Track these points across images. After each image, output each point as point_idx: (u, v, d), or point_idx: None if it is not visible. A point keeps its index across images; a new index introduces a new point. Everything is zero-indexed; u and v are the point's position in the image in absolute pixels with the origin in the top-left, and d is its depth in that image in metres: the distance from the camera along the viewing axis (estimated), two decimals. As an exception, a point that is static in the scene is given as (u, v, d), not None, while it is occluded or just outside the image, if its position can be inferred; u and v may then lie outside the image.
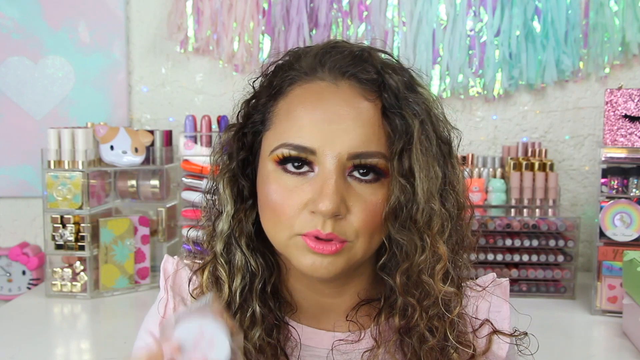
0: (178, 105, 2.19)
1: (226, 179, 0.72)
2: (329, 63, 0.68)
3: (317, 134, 0.64)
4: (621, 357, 1.44)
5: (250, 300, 0.70)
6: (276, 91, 0.70)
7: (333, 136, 0.64)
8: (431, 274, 0.67)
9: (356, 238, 0.66)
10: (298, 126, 0.66)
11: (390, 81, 0.67)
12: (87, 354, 1.51)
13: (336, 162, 0.64)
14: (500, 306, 0.78)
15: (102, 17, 2.13)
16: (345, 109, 0.65)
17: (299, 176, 0.66)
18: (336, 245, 0.65)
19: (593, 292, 1.69)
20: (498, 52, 2.05)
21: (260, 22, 2.10)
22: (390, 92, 0.66)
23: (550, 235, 1.79)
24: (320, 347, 0.74)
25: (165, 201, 1.95)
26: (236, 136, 0.72)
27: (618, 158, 1.70)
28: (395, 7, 2.08)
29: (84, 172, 1.78)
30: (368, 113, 0.65)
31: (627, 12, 2.00)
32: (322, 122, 0.65)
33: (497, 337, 0.74)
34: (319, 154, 0.64)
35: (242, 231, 0.71)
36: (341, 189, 0.64)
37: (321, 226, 0.64)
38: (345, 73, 0.67)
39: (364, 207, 0.65)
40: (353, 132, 0.64)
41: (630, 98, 1.68)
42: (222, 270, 0.71)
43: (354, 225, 0.65)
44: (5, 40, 2.13)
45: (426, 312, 0.68)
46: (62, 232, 1.80)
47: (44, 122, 2.10)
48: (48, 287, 1.83)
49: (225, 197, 0.71)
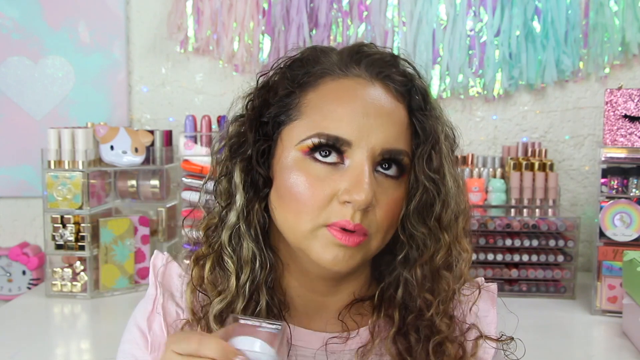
0: (178, 105, 2.19)
1: (240, 167, 0.70)
2: (365, 62, 0.70)
3: (355, 126, 0.66)
4: (621, 357, 1.44)
5: (257, 294, 0.70)
6: (302, 83, 0.70)
7: (369, 130, 0.66)
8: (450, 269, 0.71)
9: (376, 232, 0.68)
10: (335, 118, 0.66)
11: (419, 85, 0.71)
12: (87, 354, 1.51)
13: (370, 155, 0.66)
14: (488, 311, 0.78)
15: (102, 17, 2.14)
16: (383, 107, 0.68)
17: (328, 166, 0.67)
18: (360, 237, 0.66)
19: (593, 292, 1.69)
20: (498, 52, 2.05)
21: (260, 22, 2.10)
22: (419, 95, 0.71)
23: (550, 235, 1.79)
24: (310, 347, 0.74)
25: (165, 201, 1.95)
26: (252, 125, 0.71)
27: (618, 158, 1.70)
28: (395, 7, 2.08)
29: (84, 172, 1.78)
30: (399, 113, 0.69)
31: (627, 12, 2.00)
32: (360, 115, 0.66)
33: (483, 341, 0.75)
34: (355, 145, 0.66)
35: (252, 222, 0.70)
36: (373, 181, 0.66)
37: (351, 216, 0.65)
38: (380, 73, 0.70)
39: (387, 201, 0.67)
40: (387, 129, 0.67)
41: (630, 98, 1.68)
42: (229, 262, 0.70)
43: (378, 218, 0.67)
44: (5, 40, 2.13)
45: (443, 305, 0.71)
46: (62, 232, 1.80)
47: (44, 122, 2.10)
48: (48, 287, 1.83)
49: (238, 186, 0.70)
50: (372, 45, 0.73)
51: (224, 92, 2.18)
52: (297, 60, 0.73)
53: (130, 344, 0.76)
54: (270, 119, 0.71)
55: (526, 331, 0.79)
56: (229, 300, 0.70)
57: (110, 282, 1.83)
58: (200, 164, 1.89)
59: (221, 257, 0.72)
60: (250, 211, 0.70)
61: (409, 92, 0.70)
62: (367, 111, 0.67)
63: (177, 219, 1.99)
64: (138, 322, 0.77)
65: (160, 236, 1.95)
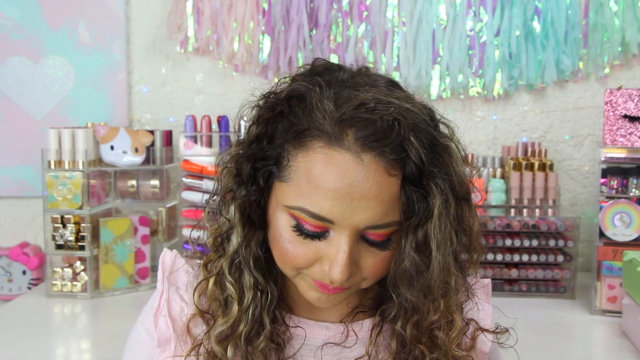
0: (178, 105, 2.19)
1: (236, 205, 0.70)
2: (356, 134, 0.63)
3: (338, 208, 0.63)
4: (621, 357, 1.44)
5: (261, 318, 0.72)
6: (295, 138, 0.66)
7: (353, 212, 0.63)
8: (445, 334, 0.70)
9: (364, 281, 0.70)
10: (319, 195, 0.64)
11: (413, 157, 0.64)
12: (87, 354, 1.50)
13: (352, 233, 0.65)
14: (482, 304, 0.80)
15: (102, 17, 2.14)
16: (368, 186, 0.63)
17: (315, 236, 0.67)
18: (343, 289, 0.69)
19: (593, 292, 1.69)
20: (498, 52, 2.05)
21: (260, 22, 2.10)
22: (413, 167, 0.64)
23: (550, 235, 1.79)
24: (314, 336, 0.76)
25: (165, 201, 1.95)
26: (249, 162, 0.69)
27: (618, 158, 1.70)
28: (395, 7, 2.08)
29: (84, 172, 1.78)
30: (390, 188, 0.64)
31: (627, 12, 2.00)
32: (345, 197, 0.63)
33: (481, 334, 0.76)
34: (337, 224, 0.64)
35: (251, 254, 0.71)
36: (353, 256, 0.66)
37: (329, 282, 0.67)
38: (371, 149, 0.63)
39: (373, 263, 0.68)
40: (373, 209, 0.64)
41: (630, 98, 1.68)
42: (231, 288, 0.71)
43: (364, 275, 0.69)
44: (5, 40, 2.14)
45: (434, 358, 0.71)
46: (63, 232, 1.80)
47: (44, 122, 2.10)
48: (48, 287, 1.83)
49: (235, 221, 0.70)
50: (377, 100, 0.65)
51: (224, 92, 2.18)
52: (296, 98, 0.67)
53: (137, 342, 0.79)
54: (261, 166, 0.69)
55: (526, 331, 0.80)
56: (231, 324, 0.71)
57: (111, 282, 1.83)
58: (200, 164, 1.89)
59: (222, 282, 0.72)
60: (249, 244, 0.71)
61: (404, 165, 0.64)
62: (352, 194, 0.63)
63: (177, 219, 1.99)
64: (144, 321, 0.79)
65: (160, 236, 1.95)
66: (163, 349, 0.75)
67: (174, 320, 0.76)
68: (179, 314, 0.76)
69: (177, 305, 0.77)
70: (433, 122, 0.68)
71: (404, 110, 0.64)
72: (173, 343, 0.75)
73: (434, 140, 0.66)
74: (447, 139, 0.69)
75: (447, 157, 0.67)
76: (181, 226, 1.92)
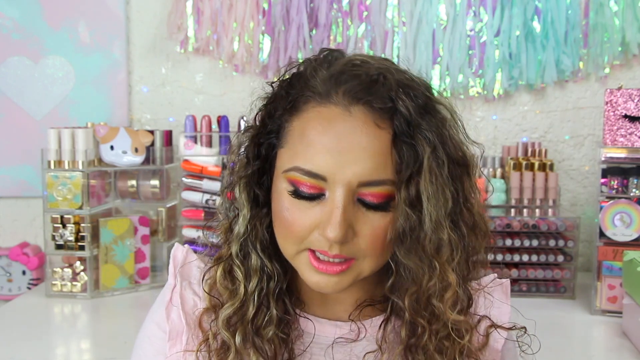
0: (178, 105, 2.19)
1: (242, 184, 0.72)
2: (343, 87, 0.66)
3: (329, 162, 0.65)
4: (621, 357, 1.44)
5: (267, 302, 0.72)
6: (291, 106, 0.69)
7: (344, 165, 0.64)
8: (440, 300, 0.68)
9: (363, 256, 0.68)
10: (310, 152, 0.66)
11: (402, 108, 0.65)
12: (87, 354, 1.50)
13: (345, 190, 0.65)
14: (500, 303, 0.80)
15: (102, 17, 2.14)
16: (357, 137, 0.64)
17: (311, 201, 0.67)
18: (342, 266, 0.67)
19: (593, 292, 1.69)
20: (498, 52, 2.05)
21: (260, 22, 2.10)
22: (402, 119, 0.65)
23: (550, 235, 1.79)
24: (324, 335, 0.76)
25: (165, 201, 1.95)
26: (253, 142, 0.73)
27: (618, 158, 1.70)
28: (395, 7, 2.08)
29: (84, 172, 1.78)
30: (379, 141, 0.65)
31: (627, 12, 2.00)
32: (334, 150, 0.64)
33: (495, 331, 0.76)
34: (329, 181, 0.65)
35: (257, 235, 0.72)
36: (349, 216, 0.65)
37: (328, 248, 0.66)
38: (359, 100, 0.66)
39: (371, 231, 0.67)
40: (363, 161, 0.64)
41: (630, 98, 1.68)
42: (238, 271, 0.72)
43: (362, 247, 0.67)
44: (5, 40, 2.14)
45: (435, 335, 0.70)
46: (62, 232, 1.80)
47: (44, 122, 2.10)
48: (48, 287, 1.83)
49: (242, 202, 0.72)
50: (363, 60, 0.68)
51: (224, 92, 2.18)
52: (295, 75, 0.72)
53: (147, 338, 0.78)
54: (264, 140, 0.72)
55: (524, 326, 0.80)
56: (237, 307, 0.71)
57: (110, 282, 1.83)
58: (200, 164, 1.90)
59: (231, 266, 0.73)
60: (255, 225, 0.72)
61: (393, 119, 0.66)
62: (341, 146, 0.64)
63: (177, 219, 1.99)
64: (154, 317, 0.78)
65: (160, 236, 1.95)
66: (174, 342, 0.75)
67: (187, 314, 0.75)
68: (191, 308, 0.76)
69: (190, 299, 0.76)
70: (428, 90, 0.70)
71: (392, 70, 0.68)
72: (185, 336, 0.74)
73: (425, 99, 0.67)
74: (441, 105, 0.70)
75: (440, 118, 0.68)
76: (181, 226, 1.92)
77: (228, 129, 1.92)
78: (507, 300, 0.81)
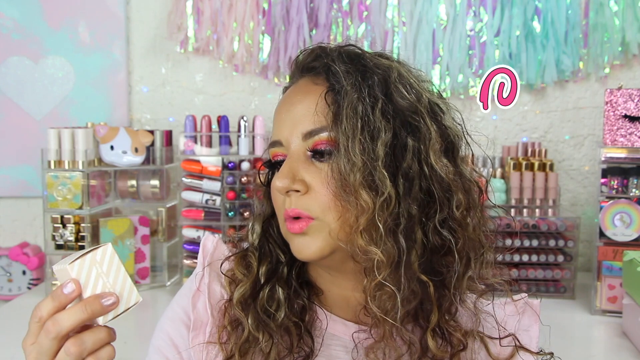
0: (178, 105, 2.19)
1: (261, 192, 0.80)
2: (294, 64, 0.77)
3: (280, 126, 0.73)
4: (621, 357, 1.44)
5: (275, 282, 0.74)
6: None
7: (289, 123, 0.71)
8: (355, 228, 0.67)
9: (323, 213, 0.69)
10: (273, 126, 0.74)
11: (333, 65, 0.71)
12: (87, 354, 1.50)
13: (295, 145, 0.71)
14: (530, 326, 0.80)
15: (102, 17, 2.14)
16: (298, 97, 0.72)
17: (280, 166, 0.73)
18: (303, 222, 0.69)
19: (593, 292, 1.69)
20: (498, 52, 2.05)
21: (260, 22, 2.10)
22: (332, 73, 0.71)
23: (550, 235, 1.79)
24: (344, 336, 0.75)
25: (165, 201, 1.95)
26: None
27: (618, 158, 1.70)
28: (395, 7, 2.08)
29: (84, 172, 1.78)
30: (316, 96, 0.71)
31: (627, 12, 2.00)
32: (284, 114, 0.73)
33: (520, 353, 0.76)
34: (284, 143, 0.72)
35: (272, 228, 0.78)
36: (296, 167, 0.70)
37: (287, 204, 0.70)
38: (303, 69, 0.75)
39: (323, 182, 0.69)
40: (302, 115, 0.70)
41: (630, 98, 1.68)
42: (252, 256, 0.77)
43: (318, 199, 0.69)
44: (5, 40, 2.14)
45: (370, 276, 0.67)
46: (62, 232, 1.80)
47: (44, 122, 2.10)
48: (48, 287, 1.83)
49: (261, 206, 0.80)
50: (317, 45, 0.76)
51: (224, 92, 2.18)
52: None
53: (171, 321, 0.77)
54: None
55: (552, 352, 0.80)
56: (250, 287, 0.74)
57: (110, 282, 1.83)
58: (200, 164, 1.89)
59: (247, 255, 0.77)
60: (271, 220, 0.78)
61: (327, 75, 0.71)
62: (286, 108, 0.73)
63: (177, 219, 1.99)
64: (181, 301, 0.78)
65: (160, 236, 1.95)
66: (197, 333, 0.74)
67: (212, 306, 0.75)
68: (218, 300, 0.76)
69: (217, 291, 0.77)
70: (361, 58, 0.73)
71: (339, 48, 0.75)
72: (209, 328, 0.74)
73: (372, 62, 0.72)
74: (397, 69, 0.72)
75: (383, 77, 0.71)
76: (181, 226, 1.92)
77: (228, 129, 1.92)
78: (537, 323, 0.80)
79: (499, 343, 0.75)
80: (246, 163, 1.89)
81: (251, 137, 1.90)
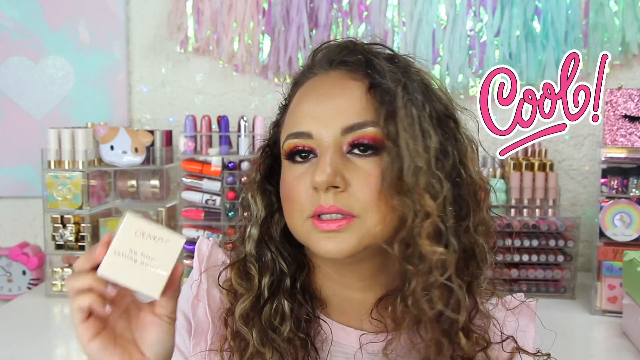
0: (178, 105, 2.19)
1: (255, 189, 0.76)
2: (319, 57, 0.74)
3: (312, 117, 0.68)
4: (621, 357, 1.44)
5: (279, 295, 0.72)
6: (294, 86, 0.75)
7: (325, 116, 0.68)
8: (419, 233, 0.64)
9: (365, 212, 0.66)
10: (296, 118, 0.70)
11: (375, 61, 0.70)
12: (87, 354, 1.50)
13: (331, 139, 0.67)
14: (527, 326, 0.80)
15: (102, 17, 2.14)
16: (334, 90, 0.69)
17: (305, 163, 0.69)
18: (341, 221, 0.66)
19: (593, 292, 1.69)
20: (498, 52, 2.05)
21: (260, 22, 2.10)
22: (374, 69, 0.69)
23: (550, 235, 1.79)
24: (348, 344, 0.74)
25: (165, 201, 1.95)
26: (263, 150, 0.77)
27: (618, 158, 1.70)
28: (395, 7, 2.08)
29: (84, 172, 1.78)
30: (356, 90, 0.68)
31: (627, 12, 2.00)
32: (315, 105, 0.69)
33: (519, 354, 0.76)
34: (315, 135, 0.67)
35: (271, 234, 0.74)
36: (337, 162, 0.66)
37: (323, 200, 0.66)
38: (333, 62, 0.72)
39: (365, 179, 0.66)
40: (344, 109, 0.67)
41: (630, 98, 1.68)
42: (252, 267, 0.73)
43: (359, 197, 0.66)
44: (5, 40, 2.14)
45: (423, 277, 0.65)
46: (62, 232, 1.80)
47: (44, 122, 2.10)
48: (48, 287, 1.83)
49: (257, 206, 0.75)
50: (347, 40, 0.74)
51: (224, 92, 2.18)
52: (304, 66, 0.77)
53: None
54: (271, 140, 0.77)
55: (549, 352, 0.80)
56: (252, 301, 0.71)
57: (110, 282, 1.83)
58: (200, 164, 1.89)
59: (244, 264, 0.74)
60: (269, 225, 0.74)
61: (367, 70, 0.69)
62: (321, 99, 0.69)
63: (177, 219, 1.99)
64: (181, 306, 0.76)
65: (160, 236, 1.95)
66: (198, 340, 0.74)
67: (213, 312, 0.75)
68: (218, 305, 0.75)
69: (216, 297, 0.76)
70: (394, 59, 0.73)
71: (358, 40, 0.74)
72: (209, 335, 0.74)
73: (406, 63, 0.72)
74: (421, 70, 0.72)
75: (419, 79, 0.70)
76: (181, 226, 1.92)
77: (228, 129, 1.92)
78: (533, 323, 0.80)
79: (500, 346, 0.75)
80: (246, 163, 1.89)
81: (251, 137, 1.90)
